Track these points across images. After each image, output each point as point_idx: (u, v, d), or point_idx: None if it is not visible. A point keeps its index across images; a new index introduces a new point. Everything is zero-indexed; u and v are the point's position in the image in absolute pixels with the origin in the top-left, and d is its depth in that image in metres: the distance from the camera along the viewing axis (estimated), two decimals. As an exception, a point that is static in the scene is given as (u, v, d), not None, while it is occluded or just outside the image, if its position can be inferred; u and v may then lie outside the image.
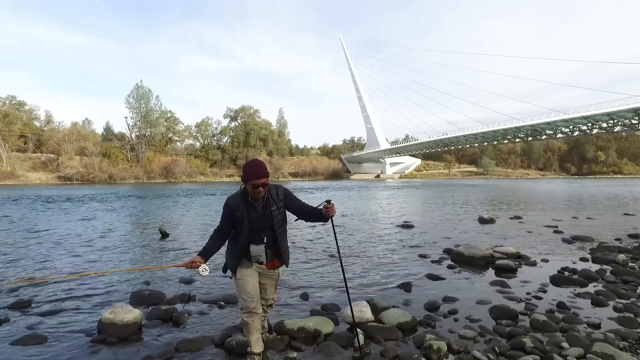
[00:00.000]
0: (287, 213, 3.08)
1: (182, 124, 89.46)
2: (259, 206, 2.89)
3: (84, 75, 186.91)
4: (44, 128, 78.55)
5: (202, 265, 2.85)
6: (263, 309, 3.20)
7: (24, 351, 3.36)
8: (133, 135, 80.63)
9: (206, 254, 2.96)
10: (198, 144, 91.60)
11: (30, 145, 73.14)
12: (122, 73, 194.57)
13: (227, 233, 2.99)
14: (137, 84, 79.32)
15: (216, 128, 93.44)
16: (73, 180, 64.94)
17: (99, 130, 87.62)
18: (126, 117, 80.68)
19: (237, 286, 3.00)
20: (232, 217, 2.89)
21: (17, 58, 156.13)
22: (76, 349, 3.42)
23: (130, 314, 3.78)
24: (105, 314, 3.80)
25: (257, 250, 2.90)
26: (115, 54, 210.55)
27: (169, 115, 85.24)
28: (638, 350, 3.16)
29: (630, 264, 6.43)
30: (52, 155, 70.77)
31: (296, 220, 3.01)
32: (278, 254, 3.02)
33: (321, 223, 3.00)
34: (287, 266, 3.14)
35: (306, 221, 3.00)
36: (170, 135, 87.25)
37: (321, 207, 2.84)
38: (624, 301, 4.57)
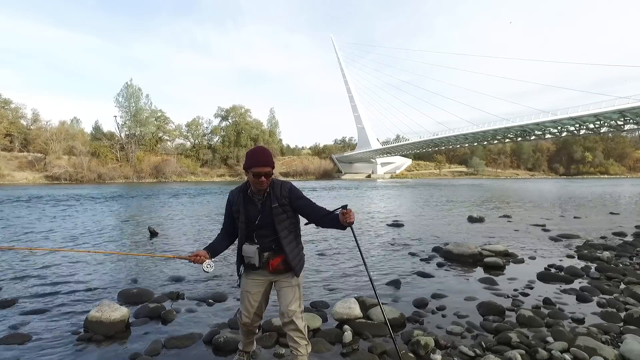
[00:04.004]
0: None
1: (173, 123, 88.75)
2: (259, 201, 2.55)
3: (73, 74, 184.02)
4: (31, 127, 77.07)
5: (207, 260, 2.52)
6: (288, 334, 2.59)
7: (7, 351, 3.31)
8: (123, 135, 79.75)
9: (212, 249, 2.62)
10: (189, 143, 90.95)
11: (16, 144, 71.78)
12: (111, 71, 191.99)
13: (231, 231, 2.67)
14: (126, 83, 78.58)
15: (207, 127, 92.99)
16: (61, 180, 63.98)
17: (88, 129, 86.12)
18: (115, 116, 79.83)
19: (240, 294, 2.73)
20: (232, 212, 2.63)
21: (3, 55, 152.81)
22: (61, 347, 3.37)
23: (118, 311, 3.75)
24: (92, 312, 3.76)
25: (248, 250, 2.52)
26: (105, 51, 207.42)
27: (159, 114, 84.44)
28: (619, 344, 3.22)
29: (615, 261, 6.56)
30: (39, 155, 69.60)
31: (306, 224, 2.62)
32: (278, 252, 2.56)
33: (336, 230, 2.60)
34: (296, 275, 2.58)
35: (318, 225, 2.60)
36: (161, 134, 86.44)
37: (337, 212, 2.46)
38: (607, 297, 4.67)
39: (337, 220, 2.44)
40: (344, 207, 2.43)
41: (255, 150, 2.50)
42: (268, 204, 2.51)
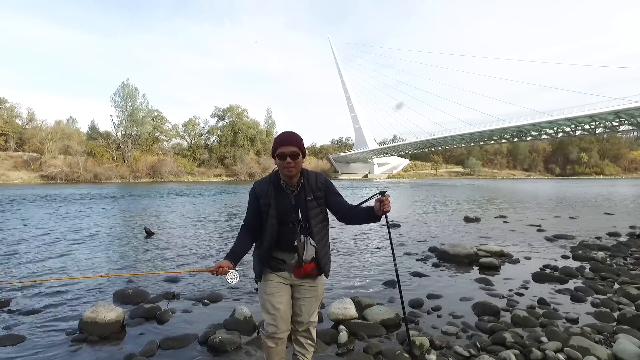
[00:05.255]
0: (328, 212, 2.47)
1: (169, 123, 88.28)
2: (292, 194, 2.29)
3: (69, 73, 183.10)
4: (26, 126, 76.58)
5: (231, 271, 2.24)
6: (299, 340, 2.46)
7: (1, 352, 3.29)
8: (119, 134, 79.36)
9: (234, 256, 2.30)
10: (185, 143, 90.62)
11: (11, 143, 71.24)
12: (108, 70, 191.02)
13: (255, 227, 2.37)
14: (123, 82, 78.06)
15: (204, 127, 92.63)
16: (57, 180, 63.60)
17: (84, 129, 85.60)
18: (112, 116, 79.42)
19: (261, 301, 2.41)
20: (258, 205, 2.32)
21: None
22: (56, 348, 3.36)
23: (113, 312, 3.74)
24: (87, 312, 3.75)
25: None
26: (101, 50, 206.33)
27: (155, 114, 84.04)
28: (612, 343, 3.25)
29: (609, 261, 6.61)
30: (34, 154, 69.10)
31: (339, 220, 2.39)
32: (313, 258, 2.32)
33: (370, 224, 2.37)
34: (326, 277, 2.42)
35: (350, 223, 2.41)
36: (157, 134, 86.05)
37: (372, 201, 2.25)
38: (601, 296, 4.70)
39: (371, 211, 2.23)
40: (382, 193, 2.19)
41: (283, 132, 2.30)
42: (303, 197, 2.28)
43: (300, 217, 2.28)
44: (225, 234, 10.24)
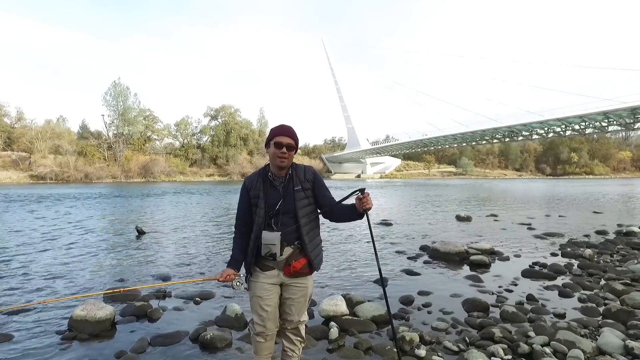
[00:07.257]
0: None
1: (161, 122, 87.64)
2: (280, 185, 2.31)
3: (59, 71, 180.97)
4: (15, 125, 75.60)
5: (236, 278, 2.31)
6: (288, 337, 2.50)
7: (-10, 350, 3.26)
8: (110, 134, 78.56)
9: (235, 263, 2.34)
10: (177, 143, 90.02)
11: (-1, 142, 70.35)
12: (99, 69, 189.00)
13: (248, 221, 2.35)
14: (114, 81, 77.21)
15: (196, 127, 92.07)
16: (47, 180, 62.80)
17: (75, 128, 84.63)
18: (103, 115, 78.59)
19: (250, 302, 2.42)
20: (249, 198, 2.34)
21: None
22: (45, 346, 3.34)
23: (103, 310, 3.73)
24: (77, 310, 3.74)
25: (270, 237, 2.22)
26: (93, 49, 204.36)
27: (147, 113, 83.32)
28: (597, 337, 3.32)
29: (596, 258, 6.73)
30: (23, 154, 68.17)
31: (324, 217, 2.41)
32: (302, 252, 2.30)
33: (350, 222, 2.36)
34: (317, 270, 2.39)
35: (334, 220, 2.41)
36: (149, 133, 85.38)
37: (354, 199, 2.26)
38: (588, 292, 4.79)
39: (354, 209, 2.25)
40: (361, 190, 2.20)
41: (280, 124, 2.31)
42: (290, 187, 2.30)
43: (280, 209, 2.27)
44: (215, 232, 10.21)
